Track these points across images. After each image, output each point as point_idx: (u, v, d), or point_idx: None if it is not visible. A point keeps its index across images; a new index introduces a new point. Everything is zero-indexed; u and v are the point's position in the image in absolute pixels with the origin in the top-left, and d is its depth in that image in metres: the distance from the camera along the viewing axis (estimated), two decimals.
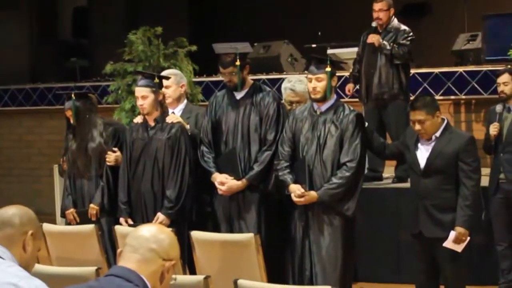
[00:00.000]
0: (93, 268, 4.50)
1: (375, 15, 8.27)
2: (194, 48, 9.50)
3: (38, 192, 12.54)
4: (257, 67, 10.96)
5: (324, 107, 6.16)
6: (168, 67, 9.06)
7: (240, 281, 3.73)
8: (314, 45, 9.90)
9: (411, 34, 8.23)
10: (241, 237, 5.34)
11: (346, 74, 9.11)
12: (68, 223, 6.86)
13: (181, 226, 6.22)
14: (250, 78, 6.63)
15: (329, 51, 9.35)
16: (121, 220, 6.49)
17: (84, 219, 6.69)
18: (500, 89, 7.25)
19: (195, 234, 5.39)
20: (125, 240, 3.15)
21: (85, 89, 12.32)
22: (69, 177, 6.95)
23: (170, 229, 5.46)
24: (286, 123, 6.31)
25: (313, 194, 5.98)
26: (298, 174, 6.08)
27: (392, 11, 8.30)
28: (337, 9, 13.75)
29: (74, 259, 5.74)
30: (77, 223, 6.71)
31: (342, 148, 6.04)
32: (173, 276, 3.19)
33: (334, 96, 6.24)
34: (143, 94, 6.42)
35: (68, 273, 4.56)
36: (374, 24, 8.29)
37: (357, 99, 8.73)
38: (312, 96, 6.15)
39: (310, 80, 6.15)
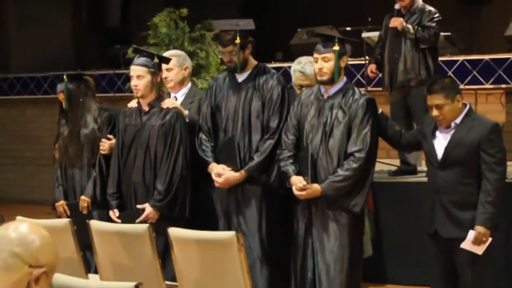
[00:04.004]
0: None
1: None
2: None
3: None
4: (300, 53, 10.39)
5: (332, 90, 5.53)
6: (194, 51, 8.57)
7: None
8: (348, 28, 9.24)
9: (436, 15, 7.44)
10: (221, 235, 4.74)
11: None
12: (58, 216, 6.34)
13: (175, 221, 5.61)
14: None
15: (364, 35, 8.68)
16: (110, 213, 5.96)
17: (74, 212, 6.18)
18: None
19: (173, 231, 4.81)
20: None
21: (123, 76, 11.97)
22: (60, 166, 6.45)
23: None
24: (291, 109, 5.68)
25: (316, 187, 5.35)
26: (301, 164, 5.46)
27: None
28: None
29: None
30: (68, 216, 6.17)
31: (350, 136, 5.41)
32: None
33: (344, 79, 5.59)
34: (138, 74, 5.85)
35: None
36: (397, 6, 7.57)
37: (380, 88, 8.06)
38: (318, 78, 5.54)
39: (316, 61, 5.57)
